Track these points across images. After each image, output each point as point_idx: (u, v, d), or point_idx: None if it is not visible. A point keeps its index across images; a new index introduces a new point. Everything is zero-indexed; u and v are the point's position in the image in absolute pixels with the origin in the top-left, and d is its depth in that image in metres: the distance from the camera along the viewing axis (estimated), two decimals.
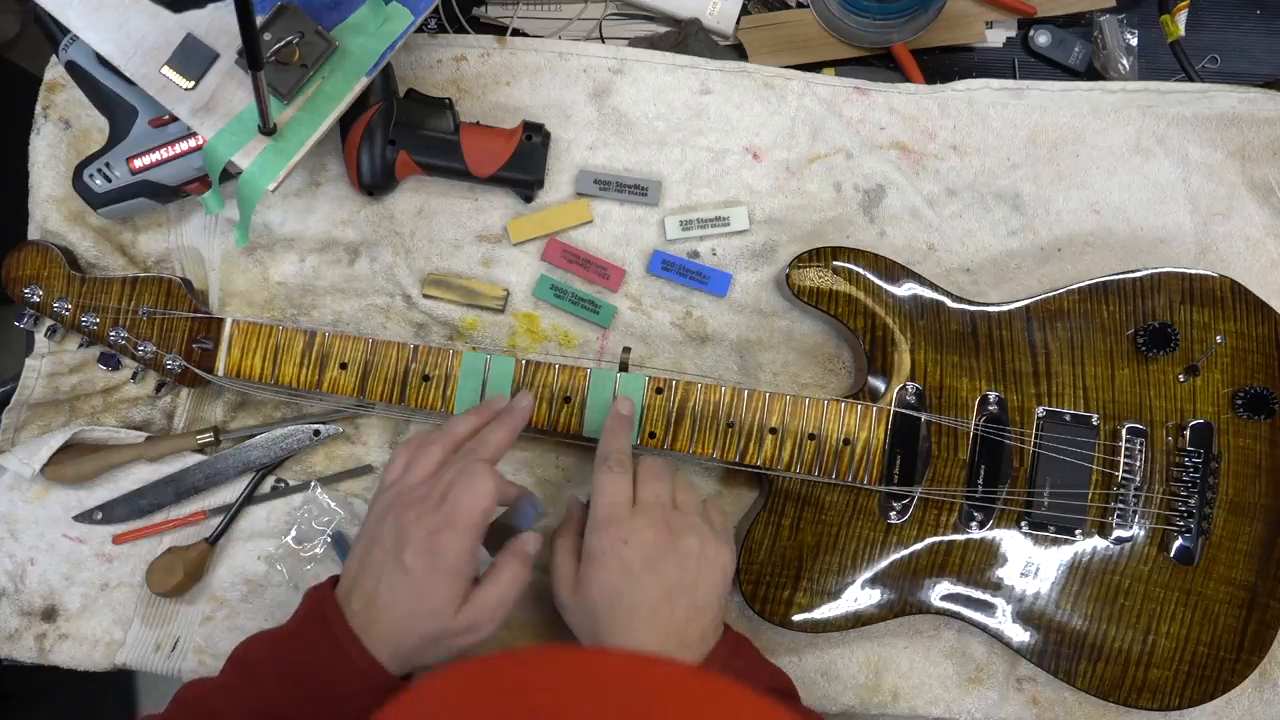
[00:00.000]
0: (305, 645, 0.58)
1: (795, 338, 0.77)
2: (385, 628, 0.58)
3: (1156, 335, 0.70)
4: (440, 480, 0.60)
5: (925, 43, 0.81)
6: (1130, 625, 0.70)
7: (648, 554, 0.60)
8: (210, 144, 0.67)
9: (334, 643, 0.57)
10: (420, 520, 0.58)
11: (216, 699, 0.58)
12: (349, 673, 0.57)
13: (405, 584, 0.57)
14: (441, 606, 0.58)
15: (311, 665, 0.57)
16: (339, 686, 0.57)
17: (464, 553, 0.58)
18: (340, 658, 0.57)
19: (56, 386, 0.76)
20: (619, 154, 0.77)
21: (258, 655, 0.60)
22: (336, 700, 0.57)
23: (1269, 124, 0.77)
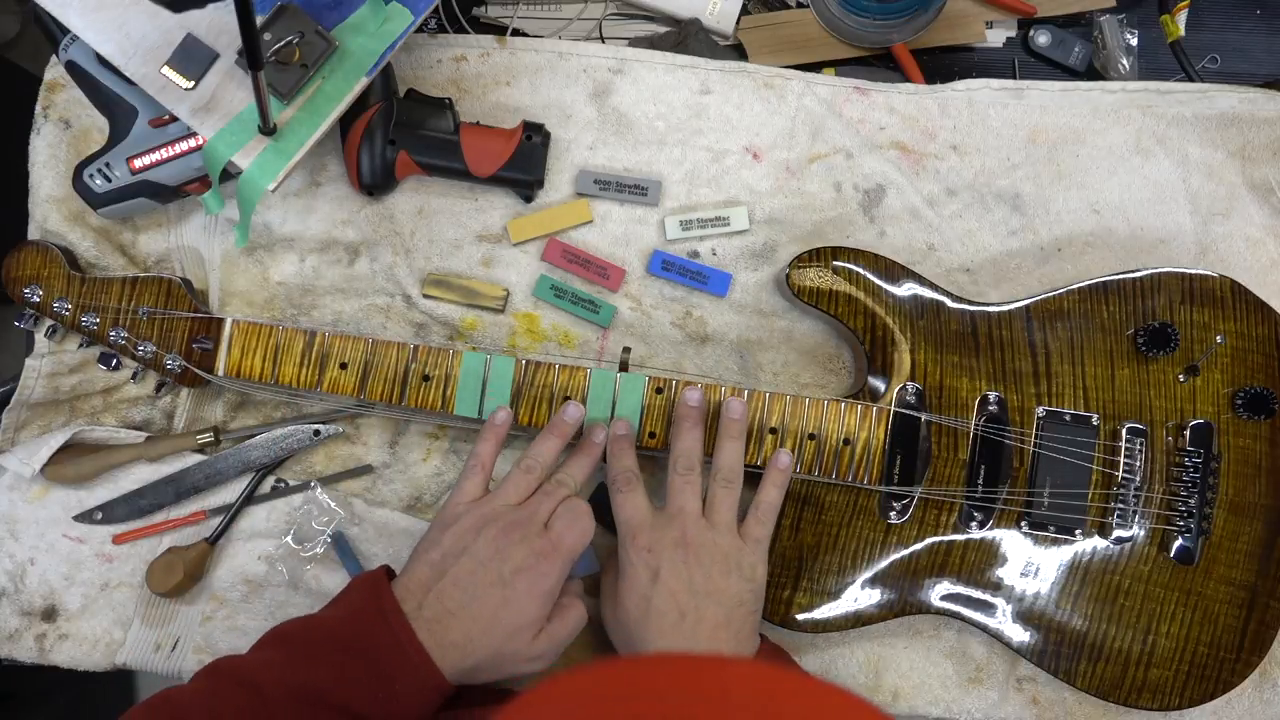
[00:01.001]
0: (363, 637, 0.58)
1: (795, 338, 0.77)
2: (460, 637, 0.58)
3: (1156, 335, 0.70)
4: (538, 508, 0.63)
5: (925, 43, 0.81)
6: (1130, 625, 0.70)
7: (671, 559, 0.62)
8: (210, 144, 0.67)
9: (395, 640, 0.57)
10: (526, 541, 0.60)
11: (259, 673, 0.58)
12: (408, 672, 0.57)
13: (499, 599, 0.59)
14: (527, 626, 0.60)
15: (369, 657, 0.57)
16: (396, 684, 0.57)
17: (561, 579, 0.61)
18: (401, 657, 0.57)
19: (56, 386, 0.76)
20: (619, 154, 0.77)
21: (303, 635, 0.59)
22: (389, 695, 0.57)
23: (1269, 124, 0.77)
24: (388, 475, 0.76)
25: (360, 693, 0.57)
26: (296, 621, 0.61)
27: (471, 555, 0.60)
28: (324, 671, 0.57)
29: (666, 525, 0.64)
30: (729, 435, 0.67)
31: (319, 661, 0.58)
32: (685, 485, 0.65)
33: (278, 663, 0.58)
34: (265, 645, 0.60)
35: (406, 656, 0.57)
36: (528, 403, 0.69)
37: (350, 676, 0.57)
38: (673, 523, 0.64)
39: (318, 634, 0.59)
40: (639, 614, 0.62)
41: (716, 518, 0.65)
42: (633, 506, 0.65)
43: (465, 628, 0.58)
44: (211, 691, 0.58)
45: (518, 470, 0.65)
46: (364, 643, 0.58)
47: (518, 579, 0.59)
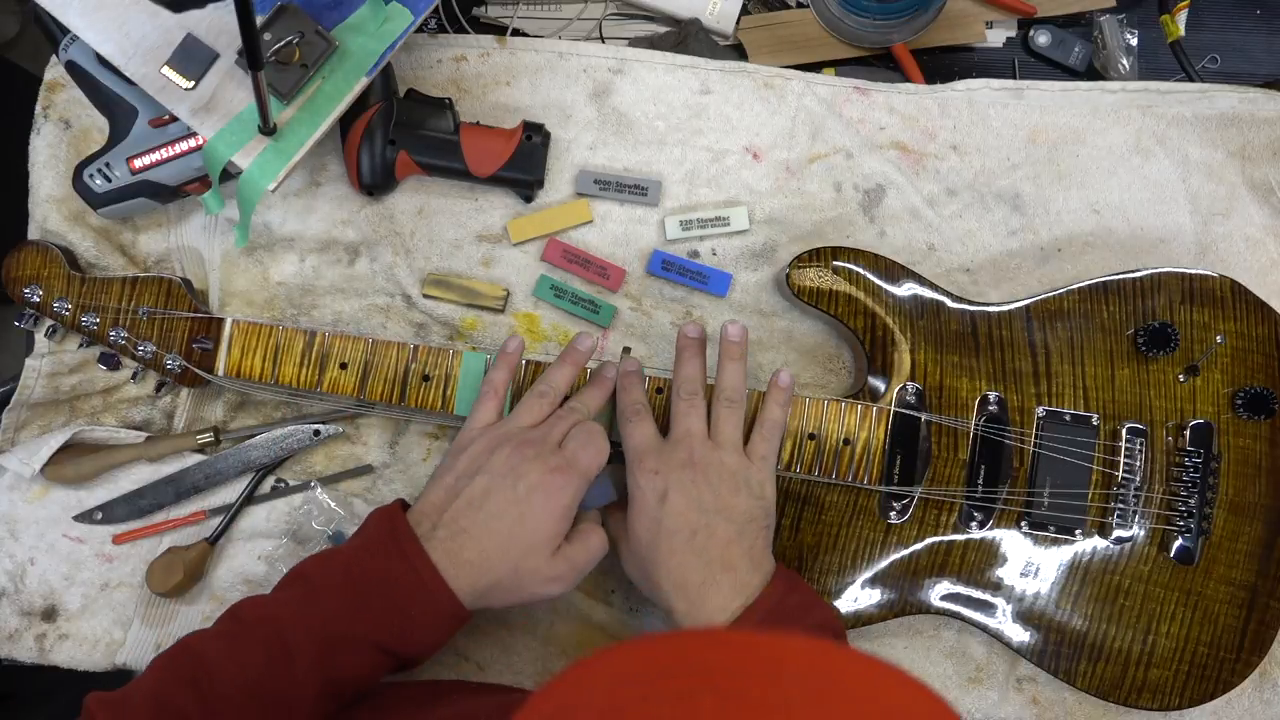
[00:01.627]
0: (376, 566, 0.58)
1: (795, 338, 0.77)
2: (475, 555, 0.58)
3: (1156, 335, 0.70)
4: (552, 429, 0.62)
5: (925, 43, 0.81)
6: (1130, 625, 0.70)
7: (678, 480, 0.61)
8: (210, 144, 0.67)
9: (408, 565, 0.57)
10: (540, 459, 0.60)
11: (282, 614, 0.58)
12: (422, 596, 0.57)
13: (515, 515, 0.58)
14: (544, 542, 0.59)
15: (382, 586, 0.57)
16: (412, 610, 0.57)
17: (576, 498, 0.60)
18: (415, 581, 0.57)
19: (56, 386, 0.76)
20: (619, 154, 0.77)
21: (321, 573, 0.59)
22: (405, 623, 0.57)
23: (1269, 124, 0.77)
24: (388, 475, 0.76)
25: (377, 624, 0.57)
26: (316, 558, 0.61)
27: (486, 474, 0.60)
28: (340, 606, 0.57)
29: (673, 448, 0.63)
30: (729, 357, 0.67)
31: (335, 597, 0.57)
32: (690, 409, 0.65)
33: (296, 600, 0.58)
34: (285, 585, 0.60)
35: (421, 582, 0.57)
36: None
37: (366, 609, 0.57)
38: (679, 445, 0.63)
39: (335, 569, 0.59)
40: (650, 537, 0.61)
41: (722, 437, 0.64)
42: (640, 434, 0.64)
43: (481, 545, 0.58)
44: (232, 635, 0.58)
45: (531, 395, 0.65)
46: (378, 573, 0.58)
47: (533, 495, 0.59)
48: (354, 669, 0.57)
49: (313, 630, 0.57)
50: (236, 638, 0.57)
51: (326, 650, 0.56)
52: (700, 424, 0.65)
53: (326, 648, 0.56)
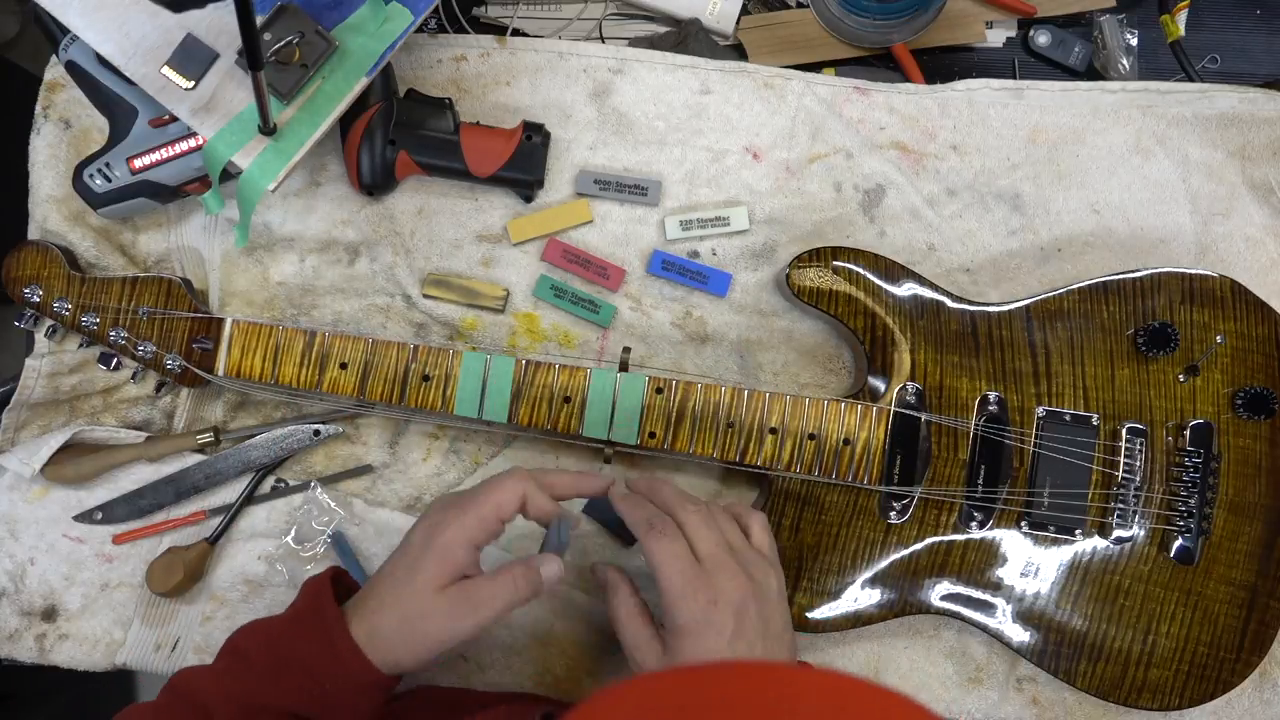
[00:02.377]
0: (296, 636, 0.58)
1: (795, 338, 0.77)
2: (371, 604, 0.58)
3: (1156, 335, 0.70)
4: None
5: (925, 43, 0.81)
6: (1130, 625, 0.70)
7: (736, 607, 0.57)
8: (210, 144, 0.67)
9: (324, 633, 0.57)
10: (448, 500, 0.60)
11: (207, 687, 0.58)
12: (336, 669, 0.56)
13: (400, 559, 0.58)
14: (423, 583, 0.56)
15: (300, 657, 0.57)
16: (327, 684, 0.57)
17: (460, 534, 0.57)
18: (329, 654, 0.57)
19: (56, 386, 0.76)
20: (619, 154, 0.77)
21: (249, 645, 0.60)
22: (323, 695, 0.57)
23: (1269, 124, 0.77)
24: (388, 475, 0.76)
25: (293, 696, 0.57)
26: (247, 628, 0.61)
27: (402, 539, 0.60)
28: (261, 679, 0.58)
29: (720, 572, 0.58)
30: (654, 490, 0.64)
31: (258, 668, 0.58)
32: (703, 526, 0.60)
33: (222, 671, 0.59)
34: (221, 655, 0.61)
35: (335, 654, 0.56)
36: (528, 403, 0.69)
37: (284, 681, 0.57)
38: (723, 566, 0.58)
39: (261, 641, 0.60)
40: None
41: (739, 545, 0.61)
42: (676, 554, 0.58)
43: (374, 594, 0.58)
44: (165, 707, 0.59)
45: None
46: (296, 647, 0.58)
47: (418, 534, 0.58)
48: None
49: (233, 700, 0.57)
50: (167, 709, 0.59)
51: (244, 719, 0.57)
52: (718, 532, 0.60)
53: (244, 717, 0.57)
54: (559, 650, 0.74)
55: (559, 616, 0.74)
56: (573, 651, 0.74)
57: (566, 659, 0.74)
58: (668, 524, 0.59)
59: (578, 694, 0.74)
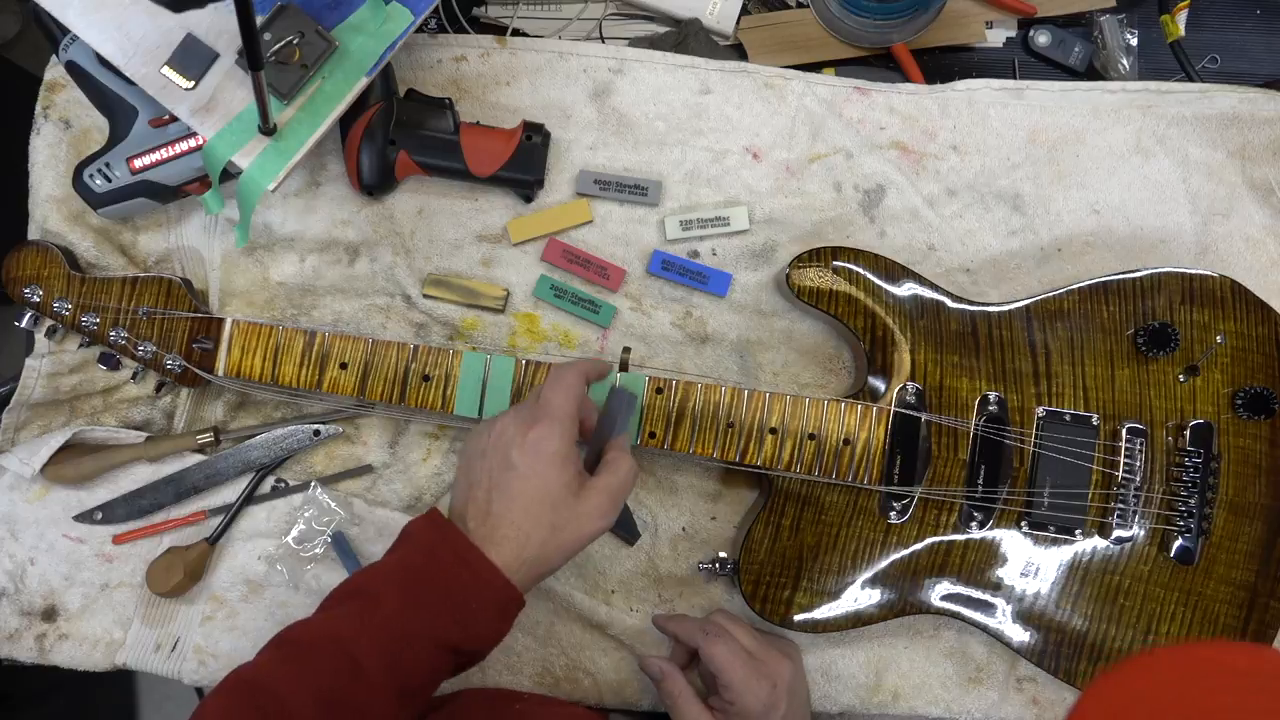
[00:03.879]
0: (429, 566, 0.58)
1: (795, 338, 0.77)
2: (512, 531, 0.58)
3: (1156, 335, 0.70)
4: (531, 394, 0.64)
5: (925, 43, 0.81)
6: (1130, 625, 0.70)
7: (789, 686, 0.67)
8: (210, 144, 0.67)
9: (459, 559, 0.57)
10: (516, 420, 0.61)
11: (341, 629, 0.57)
12: (478, 587, 0.57)
13: (517, 480, 0.59)
14: (559, 490, 0.59)
15: (438, 584, 0.57)
16: (470, 602, 0.57)
17: (564, 439, 0.60)
18: (469, 574, 0.57)
19: (56, 386, 0.75)
20: (619, 154, 0.77)
21: (373, 584, 0.59)
22: (466, 616, 0.57)
23: (1269, 124, 0.77)
24: (388, 475, 0.76)
25: (439, 622, 0.57)
26: (362, 572, 0.60)
27: (481, 454, 0.61)
28: (399, 611, 0.56)
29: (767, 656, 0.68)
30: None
31: (393, 603, 0.57)
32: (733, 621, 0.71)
33: (353, 614, 0.57)
34: (335, 602, 0.59)
35: (475, 574, 0.57)
36: None
37: (425, 609, 0.57)
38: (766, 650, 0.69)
39: (386, 577, 0.59)
40: None
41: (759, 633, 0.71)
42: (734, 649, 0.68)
43: (508, 518, 0.58)
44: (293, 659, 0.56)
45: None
46: (432, 572, 0.58)
47: (524, 457, 0.59)
48: (423, 672, 0.57)
49: (377, 639, 0.56)
50: (298, 660, 0.56)
51: (393, 657, 0.56)
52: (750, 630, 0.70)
53: (393, 654, 0.56)
54: (559, 650, 0.74)
55: (559, 616, 0.75)
56: (573, 652, 0.74)
57: (566, 659, 0.74)
58: (719, 628, 0.69)
59: (578, 694, 0.74)
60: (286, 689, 0.54)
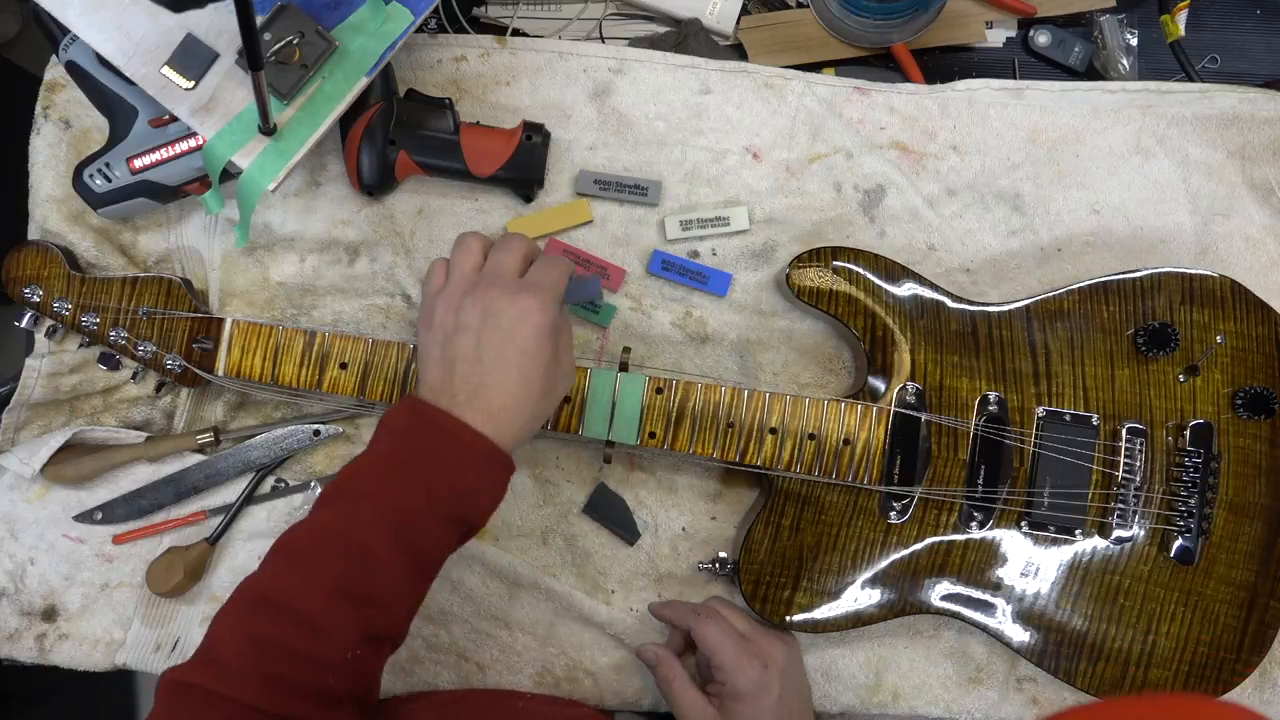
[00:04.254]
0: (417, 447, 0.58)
1: (795, 338, 0.77)
2: (505, 400, 0.59)
3: (1156, 335, 0.70)
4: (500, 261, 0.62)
5: (925, 43, 0.81)
6: (1130, 625, 0.70)
7: (783, 669, 0.68)
8: (210, 144, 0.67)
9: (446, 434, 0.57)
10: (506, 292, 0.60)
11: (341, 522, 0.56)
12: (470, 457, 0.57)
13: (515, 350, 0.59)
14: (550, 359, 0.60)
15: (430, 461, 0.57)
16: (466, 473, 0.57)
17: (558, 313, 0.61)
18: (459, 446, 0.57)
19: (56, 386, 0.75)
20: (619, 154, 0.77)
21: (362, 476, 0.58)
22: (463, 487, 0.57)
23: (1269, 124, 0.77)
24: None
25: (438, 496, 0.56)
26: (347, 469, 0.59)
27: (465, 330, 0.60)
28: (397, 493, 0.56)
29: (761, 639, 0.69)
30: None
31: (388, 488, 0.57)
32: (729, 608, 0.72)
33: (349, 507, 0.57)
34: (327, 501, 0.58)
35: (466, 444, 0.57)
36: None
37: (422, 486, 0.57)
38: (760, 634, 0.70)
39: (374, 466, 0.58)
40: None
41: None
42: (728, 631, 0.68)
43: (506, 388, 0.59)
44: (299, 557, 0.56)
45: (462, 238, 0.64)
46: (421, 452, 0.58)
47: (519, 325, 0.59)
48: (433, 547, 0.57)
49: (380, 522, 0.56)
50: (305, 558, 0.56)
51: (399, 534, 0.55)
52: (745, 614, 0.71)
53: (399, 534, 0.55)
54: (559, 650, 0.74)
55: (559, 616, 0.75)
56: (573, 652, 0.74)
57: (566, 659, 0.74)
58: (711, 610, 0.69)
59: (578, 694, 0.74)
60: (301, 586, 0.54)
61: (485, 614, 0.74)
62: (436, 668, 0.74)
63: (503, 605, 0.74)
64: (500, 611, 0.74)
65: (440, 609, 0.74)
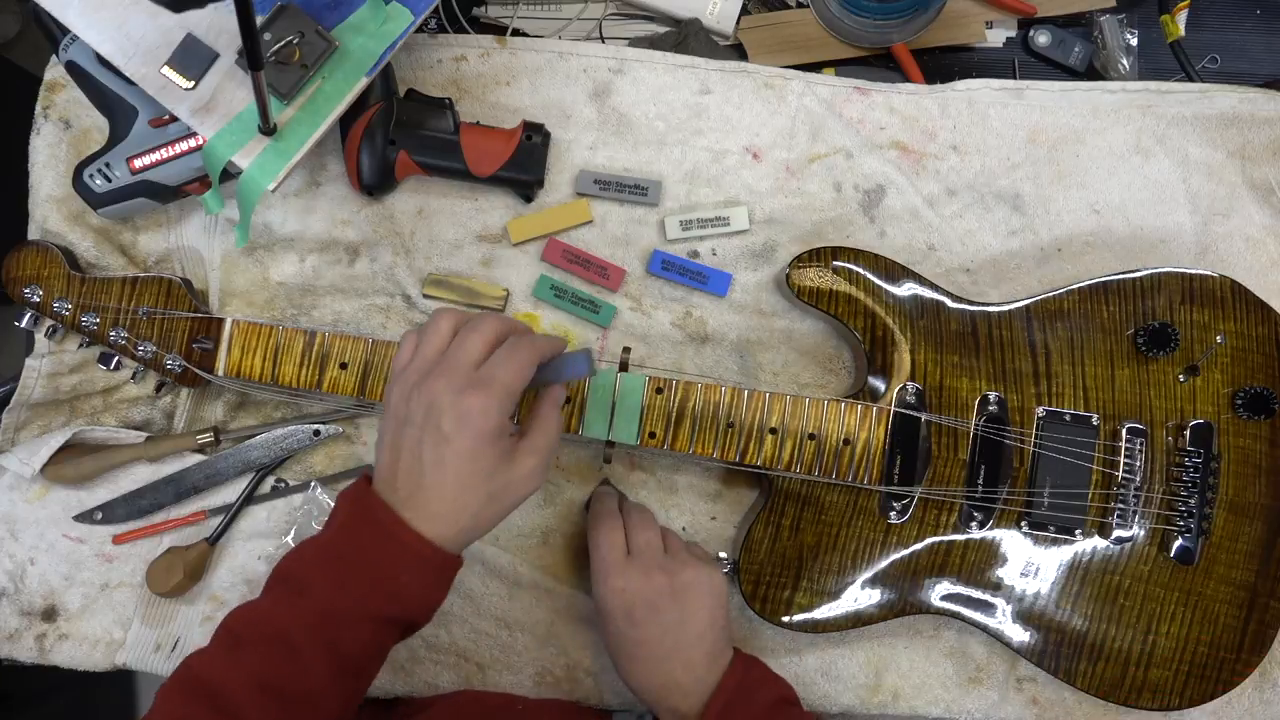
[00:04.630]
0: (355, 541, 0.57)
1: (795, 338, 0.77)
2: (441, 505, 0.57)
3: (1156, 335, 0.70)
4: (461, 347, 0.58)
5: (925, 43, 0.81)
6: (1130, 625, 0.70)
7: (647, 598, 0.65)
8: (210, 144, 0.67)
9: (383, 533, 0.56)
10: (451, 388, 0.57)
11: (274, 613, 0.57)
12: (406, 558, 0.56)
13: (450, 452, 0.56)
14: (494, 465, 0.57)
15: (365, 558, 0.56)
16: (400, 575, 0.56)
17: (502, 414, 0.57)
18: (395, 545, 0.56)
19: (56, 386, 0.76)
20: (619, 154, 0.77)
21: (301, 565, 0.58)
22: (397, 588, 0.56)
23: (1269, 124, 0.77)
24: None
25: (369, 596, 0.56)
26: (291, 554, 0.59)
27: (410, 422, 0.58)
28: (329, 590, 0.56)
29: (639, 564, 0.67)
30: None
31: (321, 582, 0.57)
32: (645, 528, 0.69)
33: (284, 597, 0.57)
34: (269, 588, 0.59)
35: (402, 545, 0.56)
36: (527, 403, 0.69)
37: (354, 584, 0.56)
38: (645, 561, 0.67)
39: (314, 557, 0.58)
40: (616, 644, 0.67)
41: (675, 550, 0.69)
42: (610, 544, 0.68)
43: (442, 493, 0.57)
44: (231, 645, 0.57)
45: (435, 315, 0.61)
46: (358, 547, 0.57)
47: (460, 430, 0.56)
48: (362, 648, 0.57)
49: (308, 619, 0.56)
50: (236, 647, 0.57)
51: (326, 634, 0.56)
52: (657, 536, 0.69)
53: (326, 632, 0.56)
54: (559, 650, 0.74)
55: (559, 616, 0.75)
56: (573, 652, 0.74)
57: (566, 659, 0.74)
58: (614, 517, 0.69)
59: (578, 694, 0.74)
60: (227, 679, 0.55)
61: (485, 614, 0.74)
62: (436, 668, 0.74)
63: (502, 605, 0.74)
64: (500, 611, 0.74)
65: (440, 609, 0.74)
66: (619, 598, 0.65)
